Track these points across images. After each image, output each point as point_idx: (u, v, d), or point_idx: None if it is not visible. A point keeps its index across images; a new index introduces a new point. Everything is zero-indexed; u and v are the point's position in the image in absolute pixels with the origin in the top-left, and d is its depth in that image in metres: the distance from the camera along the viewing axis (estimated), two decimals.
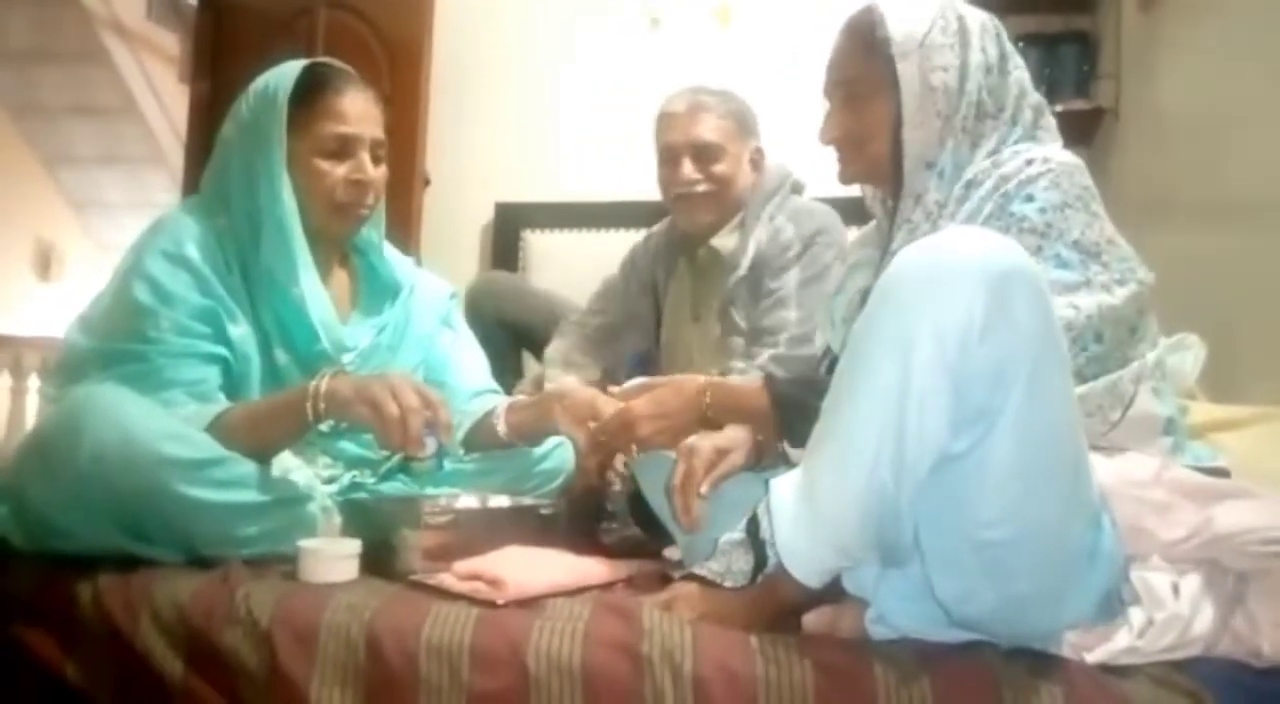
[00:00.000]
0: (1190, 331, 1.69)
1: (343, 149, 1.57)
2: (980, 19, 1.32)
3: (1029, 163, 1.22)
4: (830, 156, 1.41)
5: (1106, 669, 1.04)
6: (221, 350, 1.49)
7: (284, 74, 1.56)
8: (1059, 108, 2.70)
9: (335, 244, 1.67)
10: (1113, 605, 1.05)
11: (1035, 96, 1.33)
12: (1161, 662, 1.05)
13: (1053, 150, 1.26)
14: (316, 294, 1.57)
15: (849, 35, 1.35)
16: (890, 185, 1.36)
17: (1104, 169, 2.77)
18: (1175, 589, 1.07)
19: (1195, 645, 1.06)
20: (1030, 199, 1.20)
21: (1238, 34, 2.28)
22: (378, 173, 1.62)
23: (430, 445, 1.37)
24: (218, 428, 1.38)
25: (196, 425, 1.37)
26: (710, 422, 1.39)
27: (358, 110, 1.58)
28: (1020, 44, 2.75)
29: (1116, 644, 1.05)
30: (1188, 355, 1.68)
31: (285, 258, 1.54)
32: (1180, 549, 1.08)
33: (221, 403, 1.46)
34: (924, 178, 1.29)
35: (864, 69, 1.32)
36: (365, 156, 1.59)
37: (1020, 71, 1.32)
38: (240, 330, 1.52)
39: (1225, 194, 2.28)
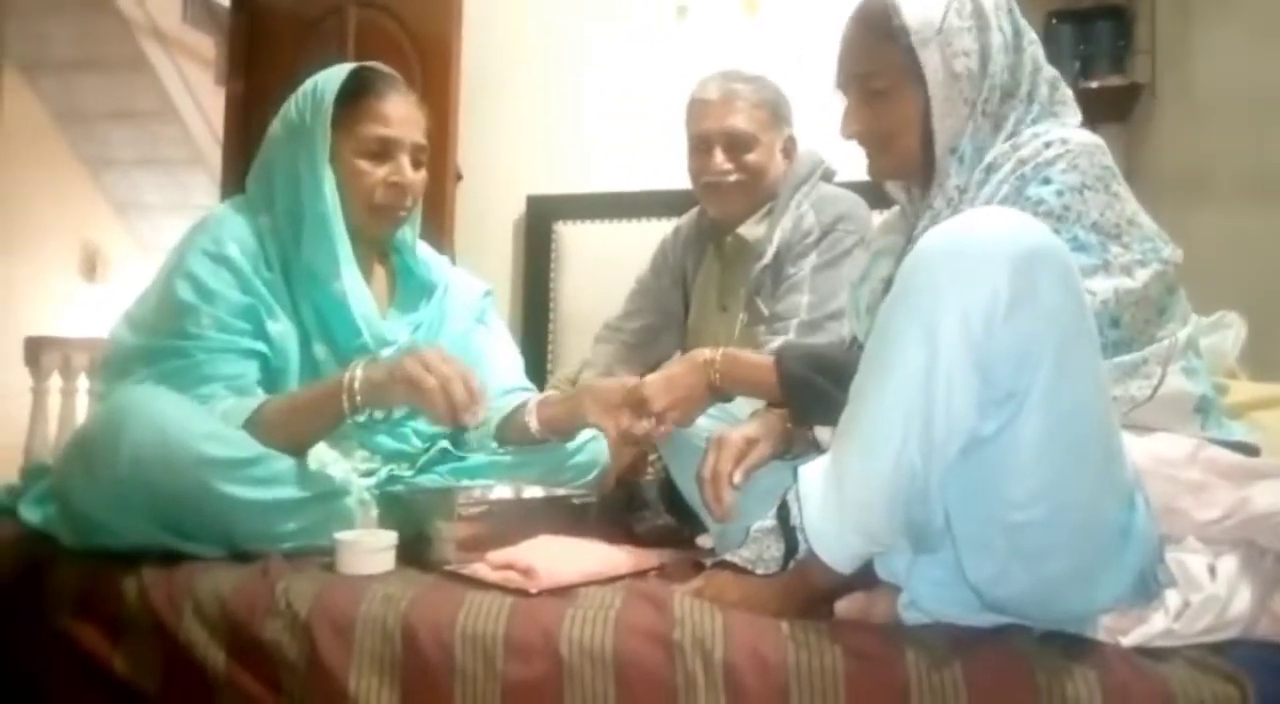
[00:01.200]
0: (1231, 308, 1.66)
1: (384, 151, 1.60)
2: None
3: (1047, 145, 1.20)
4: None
5: (1142, 652, 1.03)
6: (260, 346, 1.52)
7: (332, 76, 1.60)
8: (1095, 84, 2.68)
9: (373, 243, 1.70)
10: (1148, 587, 1.04)
11: (1050, 70, 1.30)
12: (1199, 644, 1.04)
13: (1071, 131, 1.23)
14: (358, 288, 1.60)
15: (861, 26, 1.31)
16: (918, 175, 1.34)
17: (1141, 145, 2.73)
18: (1211, 570, 1.06)
19: (1233, 628, 1.04)
20: (1047, 181, 1.17)
21: (1273, 5, 2.23)
22: (417, 176, 1.65)
23: (478, 412, 1.38)
24: (255, 423, 1.41)
25: (234, 420, 1.40)
26: (721, 391, 1.39)
27: (400, 114, 1.61)
28: (1055, 20, 2.76)
29: (1152, 627, 1.04)
30: (1228, 334, 1.65)
31: (327, 253, 1.56)
32: (1216, 529, 1.07)
33: (259, 396, 1.48)
34: (947, 163, 1.27)
35: (882, 61, 1.28)
36: (405, 159, 1.62)
37: (1034, 46, 1.29)
38: (280, 327, 1.54)
39: (1265, 168, 2.24)
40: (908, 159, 1.32)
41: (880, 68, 1.29)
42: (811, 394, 1.29)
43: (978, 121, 1.26)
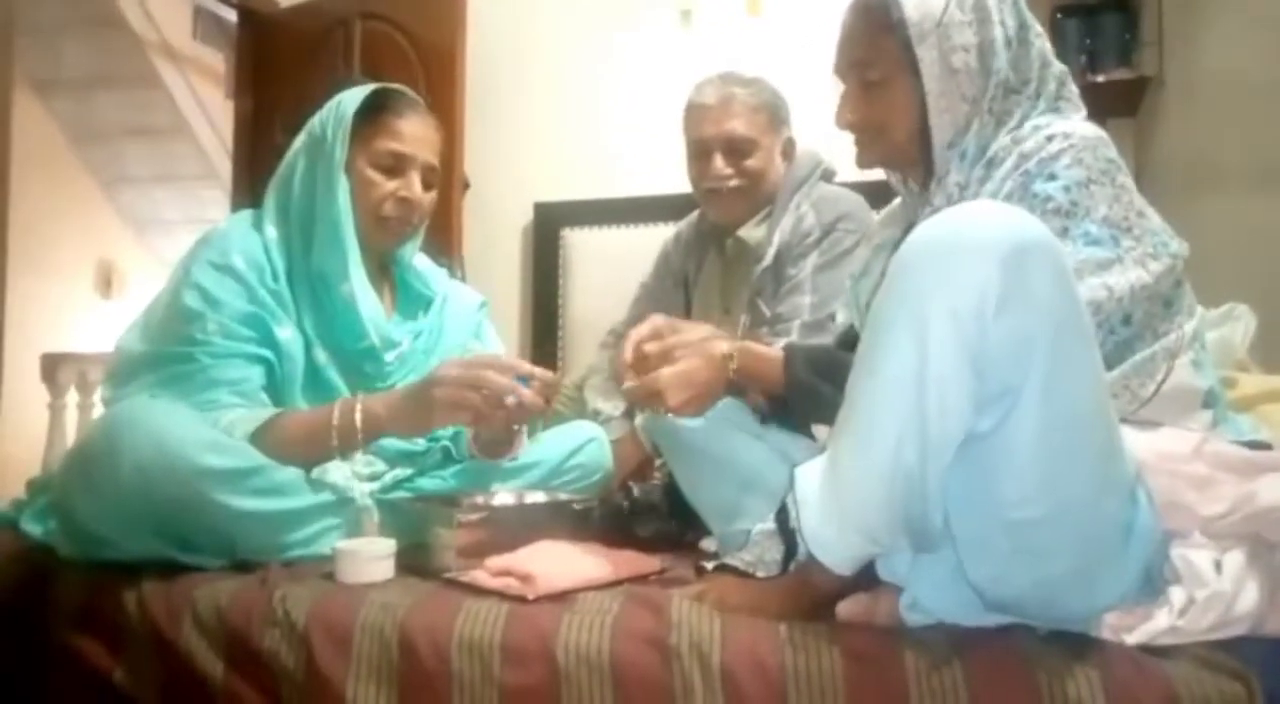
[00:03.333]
0: (1242, 300, 1.63)
1: (396, 166, 1.64)
2: None
3: (1049, 139, 1.17)
4: None
5: (1146, 650, 1.01)
6: (265, 352, 1.54)
7: (354, 93, 1.64)
8: (1102, 78, 2.65)
9: (377, 255, 1.72)
10: (1152, 584, 1.02)
11: (1058, 65, 1.28)
12: (1205, 642, 1.01)
13: (1074, 124, 1.21)
14: (365, 291, 1.62)
15: (861, 15, 1.30)
16: (912, 168, 1.33)
17: (1150, 138, 2.70)
18: (1217, 566, 1.03)
19: (1240, 624, 1.02)
20: (1053, 177, 1.15)
21: None
22: (426, 195, 1.68)
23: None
24: (260, 437, 1.42)
25: (240, 433, 1.41)
26: (736, 386, 1.38)
27: (415, 133, 1.66)
28: (1060, 15, 2.74)
29: (1157, 624, 1.01)
30: (1237, 326, 1.63)
31: (337, 256, 1.59)
32: (1222, 524, 1.04)
33: (265, 409, 1.49)
34: (946, 159, 1.26)
35: (879, 52, 1.27)
36: (415, 176, 1.66)
37: (1041, 40, 1.27)
38: (287, 333, 1.57)
39: (1275, 158, 2.21)
40: (897, 150, 1.31)
41: (876, 58, 1.27)
42: (815, 399, 1.27)
43: (983, 119, 1.24)
